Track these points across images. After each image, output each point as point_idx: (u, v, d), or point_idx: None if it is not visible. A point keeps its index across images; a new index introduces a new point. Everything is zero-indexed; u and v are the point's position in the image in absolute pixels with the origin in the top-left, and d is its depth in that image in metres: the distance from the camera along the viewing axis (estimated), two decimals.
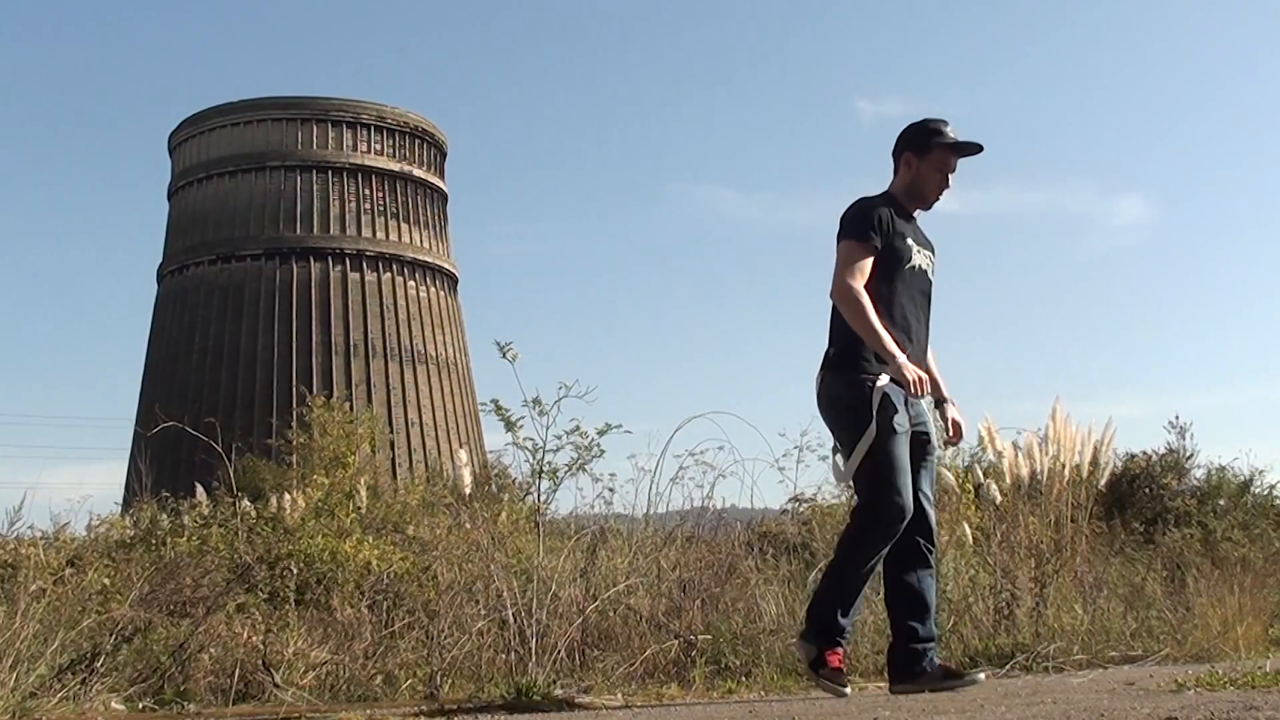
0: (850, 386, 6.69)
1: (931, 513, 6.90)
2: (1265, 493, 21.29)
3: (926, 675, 6.70)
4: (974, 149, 7.07)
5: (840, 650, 6.69)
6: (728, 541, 9.82)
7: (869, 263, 6.75)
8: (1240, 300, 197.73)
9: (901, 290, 6.86)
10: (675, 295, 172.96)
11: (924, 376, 6.62)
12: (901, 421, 6.65)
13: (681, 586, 8.72)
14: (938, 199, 7.10)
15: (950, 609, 9.01)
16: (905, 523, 6.61)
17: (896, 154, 7.15)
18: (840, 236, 6.84)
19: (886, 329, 6.65)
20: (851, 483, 6.81)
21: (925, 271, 7.01)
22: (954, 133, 7.05)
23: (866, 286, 6.72)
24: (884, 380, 6.62)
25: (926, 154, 7.01)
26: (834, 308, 6.87)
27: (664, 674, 7.80)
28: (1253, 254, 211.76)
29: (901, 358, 6.57)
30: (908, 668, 6.75)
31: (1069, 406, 11.10)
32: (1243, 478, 21.47)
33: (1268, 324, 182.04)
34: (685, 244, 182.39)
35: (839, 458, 6.92)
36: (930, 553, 6.85)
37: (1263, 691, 5.85)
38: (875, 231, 6.78)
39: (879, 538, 6.60)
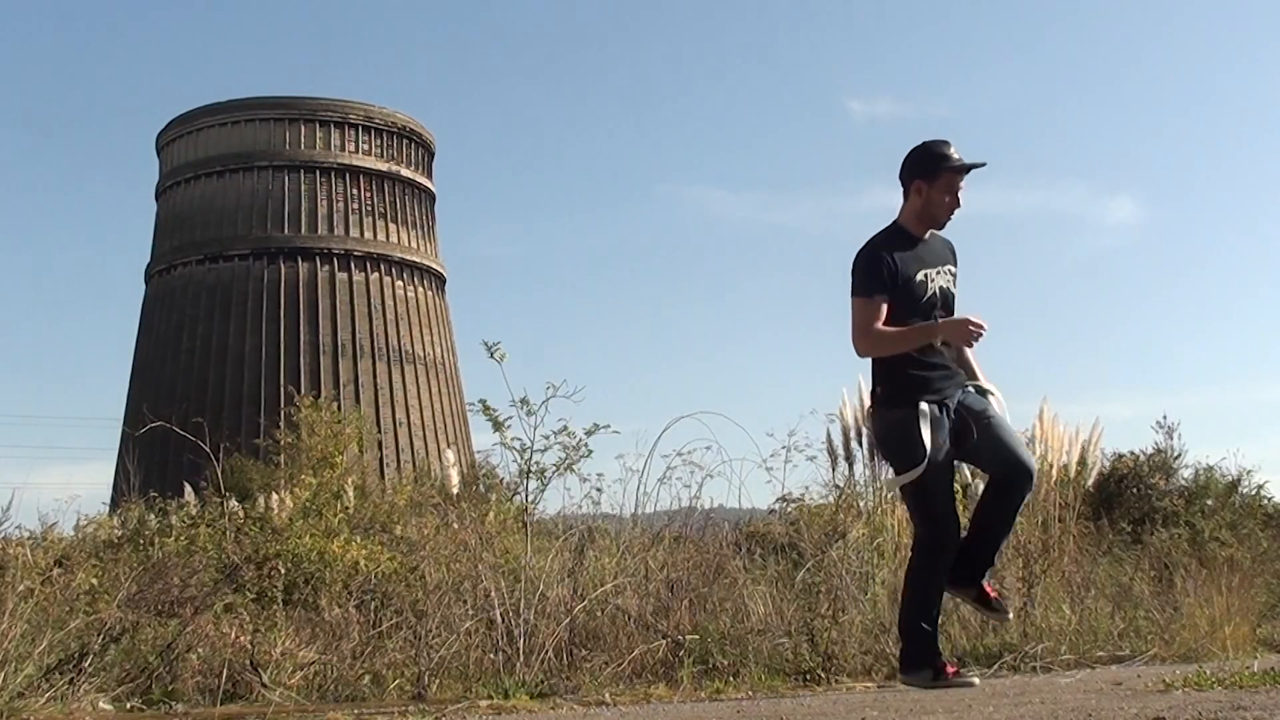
0: (898, 424, 7.04)
1: (1028, 456, 7.29)
2: (1253, 493, 21.34)
3: (971, 588, 7.20)
4: (978, 166, 7.30)
5: (943, 658, 7.10)
6: (715, 541, 9.81)
7: (881, 312, 7.02)
8: (1230, 301, 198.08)
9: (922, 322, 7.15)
10: (664, 295, 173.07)
11: (972, 320, 7.02)
12: (939, 450, 7.00)
13: (669, 586, 8.72)
14: (950, 218, 7.33)
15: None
16: (953, 546, 7.10)
17: (905, 181, 7.34)
18: (851, 291, 7.12)
19: (915, 367, 7.05)
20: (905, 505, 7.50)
21: (945, 289, 7.27)
22: (958, 154, 7.27)
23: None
24: (924, 408, 6.97)
25: (936, 179, 7.24)
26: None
27: (652, 674, 7.80)
28: (1243, 255, 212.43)
29: (938, 324, 7.01)
30: (975, 577, 7.19)
31: (1057, 407, 11.14)
32: (1230, 478, 21.52)
33: (1257, 325, 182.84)
34: (675, 244, 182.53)
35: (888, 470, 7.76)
36: (1025, 495, 7.27)
37: (1250, 691, 5.86)
38: (879, 284, 7.03)
39: (934, 563, 7.08)
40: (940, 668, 6.94)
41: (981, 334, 7.03)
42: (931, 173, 7.20)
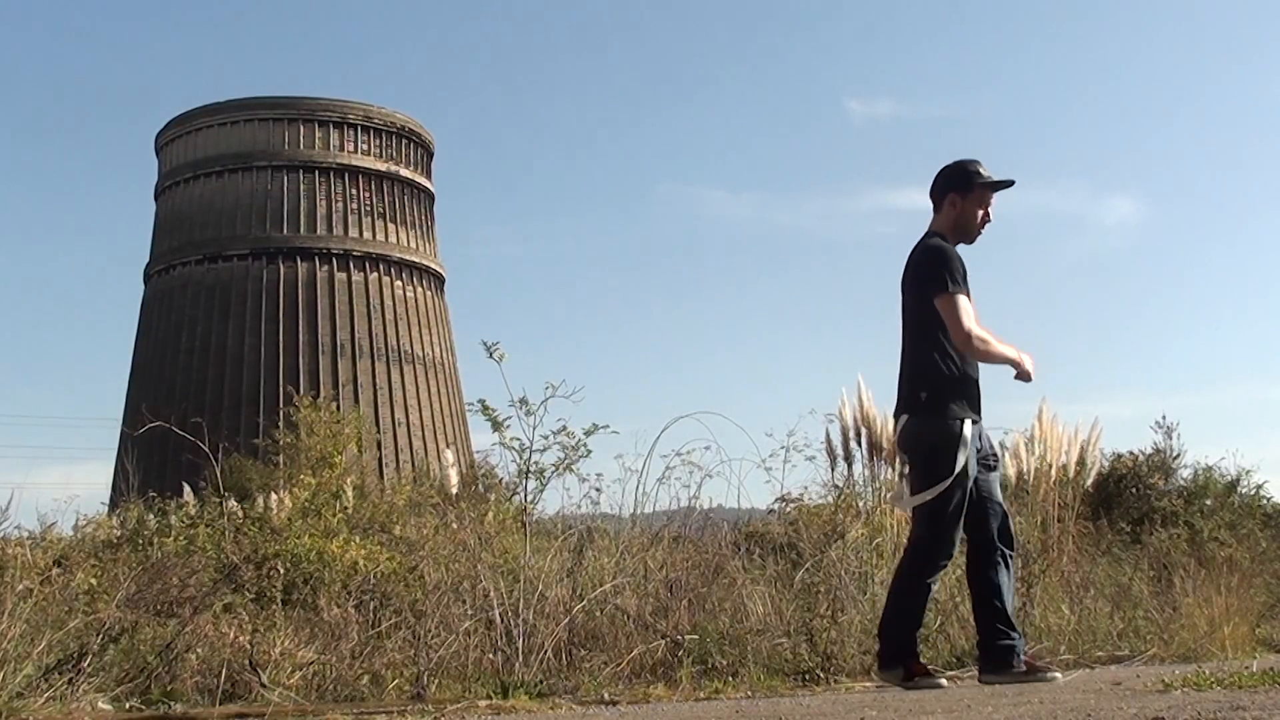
0: (941, 433, 7.18)
1: (1010, 518, 7.55)
2: (1252, 493, 21.35)
3: (1013, 668, 7.15)
4: (1009, 184, 7.57)
5: (919, 659, 7.25)
6: (714, 541, 9.81)
7: (970, 307, 7.21)
8: (1229, 301, 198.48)
9: None
10: (664, 295, 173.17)
11: (1032, 361, 7.30)
12: (971, 469, 7.18)
13: (668, 586, 8.71)
14: (981, 233, 7.57)
15: (937, 609, 9.01)
16: (947, 560, 7.31)
17: (939, 195, 7.57)
18: (933, 288, 7.23)
19: (965, 382, 7.28)
20: (912, 512, 7.48)
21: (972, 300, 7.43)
22: (988, 171, 7.51)
23: (937, 328, 7.25)
24: (968, 428, 7.16)
25: (969, 193, 7.50)
26: (913, 351, 7.37)
27: (651, 674, 7.79)
28: (1242, 255, 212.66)
29: (1023, 355, 7.27)
30: (1001, 659, 7.19)
31: (1057, 407, 11.15)
32: (1229, 478, 21.52)
33: (1256, 324, 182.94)
34: (674, 244, 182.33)
35: (905, 486, 7.70)
36: (1012, 555, 7.47)
37: (1249, 691, 5.85)
38: (964, 281, 7.25)
39: (930, 571, 7.23)
40: (911, 668, 7.07)
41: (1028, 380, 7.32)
42: (966, 187, 7.44)
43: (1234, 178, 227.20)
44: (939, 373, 7.18)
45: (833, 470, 10.44)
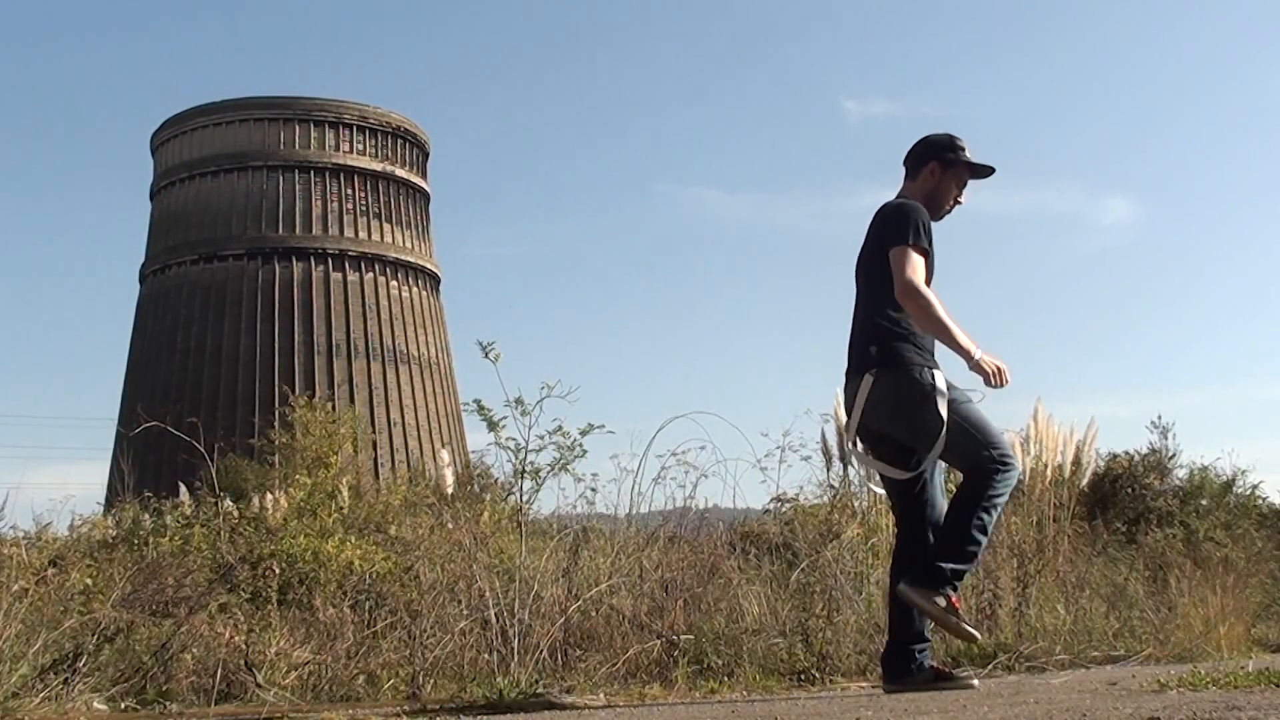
0: (909, 383, 6.76)
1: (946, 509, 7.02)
2: (1248, 493, 21.35)
3: (916, 676, 6.80)
4: (989, 171, 7.23)
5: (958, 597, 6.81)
6: (710, 541, 9.80)
7: (923, 264, 6.83)
8: (1225, 301, 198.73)
9: None
10: (660, 295, 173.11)
11: (1003, 367, 6.75)
12: (965, 391, 6.84)
13: (664, 586, 8.71)
14: (949, 212, 7.24)
15: None
16: (1017, 469, 6.84)
17: (918, 161, 7.22)
18: (892, 239, 6.86)
19: (925, 338, 6.85)
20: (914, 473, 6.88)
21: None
22: (971, 152, 7.20)
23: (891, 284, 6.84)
24: (939, 377, 6.76)
25: (950, 167, 7.16)
26: (868, 307, 7.00)
27: (646, 674, 7.78)
28: (1238, 255, 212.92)
29: (979, 350, 6.71)
30: (901, 667, 6.84)
31: (1052, 406, 11.16)
32: (1225, 478, 21.53)
33: (1252, 325, 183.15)
34: (671, 244, 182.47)
35: (877, 463, 7.08)
36: None
37: (1245, 691, 5.86)
38: (924, 235, 6.87)
39: (1002, 488, 6.73)
40: (953, 601, 6.71)
41: (1003, 385, 6.78)
42: (949, 159, 7.13)
43: (1230, 178, 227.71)
44: (894, 328, 6.82)
45: (828, 470, 10.45)
